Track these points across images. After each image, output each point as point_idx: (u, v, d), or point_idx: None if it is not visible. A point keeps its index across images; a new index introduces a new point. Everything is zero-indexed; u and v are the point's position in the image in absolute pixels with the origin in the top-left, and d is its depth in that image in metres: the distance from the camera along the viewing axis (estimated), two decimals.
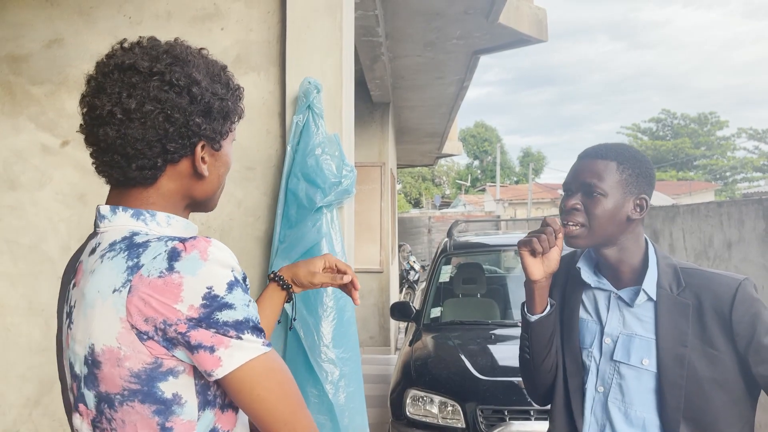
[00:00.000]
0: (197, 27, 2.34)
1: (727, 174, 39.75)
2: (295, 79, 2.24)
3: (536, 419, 3.18)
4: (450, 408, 3.42)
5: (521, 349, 1.56)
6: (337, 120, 2.26)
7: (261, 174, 2.30)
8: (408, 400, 3.56)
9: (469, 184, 46.70)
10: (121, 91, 0.94)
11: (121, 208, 0.97)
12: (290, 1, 2.27)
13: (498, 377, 3.52)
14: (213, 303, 0.86)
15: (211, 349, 0.87)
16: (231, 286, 0.88)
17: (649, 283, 1.39)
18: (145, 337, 0.87)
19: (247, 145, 2.28)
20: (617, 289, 1.44)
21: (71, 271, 1.03)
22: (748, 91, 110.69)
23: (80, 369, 0.94)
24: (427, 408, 3.49)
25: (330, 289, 2.07)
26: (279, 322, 1.38)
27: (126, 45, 1.00)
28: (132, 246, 0.91)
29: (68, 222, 2.34)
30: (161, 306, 0.86)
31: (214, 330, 0.87)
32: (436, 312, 4.81)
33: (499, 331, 4.26)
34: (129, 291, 0.87)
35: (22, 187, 2.36)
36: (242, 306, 0.89)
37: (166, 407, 0.90)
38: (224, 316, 0.87)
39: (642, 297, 1.39)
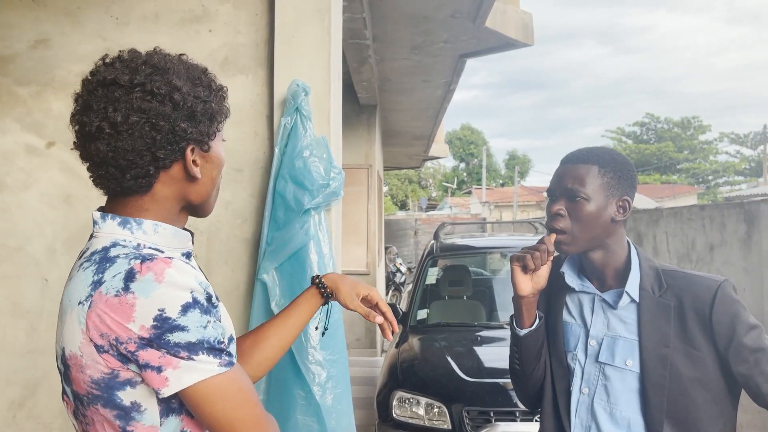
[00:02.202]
0: (185, 29, 2.34)
1: (710, 178, 40.26)
2: (283, 81, 2.24)
3: (522, 420, 3.20)
4: (436, 409, 3.43)
5: (511, 360, 1.58)
6: (325, 122, 2.27)
7: (249, 176, 2.31)
8: (394, 402, 3.57)
9: (455, 186, 46.85)
10: (106, 107, 0.96)
11: (110, 216, 1.00)
12: (278, 4, 2.28)
13: (484, 379, 3.55)
14: (164, 325, 0.88)
15: (159, 369, 0.90)
16: (186, 309, 0.90)
17: (632, 286, 1.41)
18: (101, 350, 0.91)
19: (235, 147, 2.28)
20: (601, 291, 1.46)
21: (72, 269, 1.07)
22: (731, 96, 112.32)
23: (60, 365, 1.00)
24: (414, 409, 3.50)
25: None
26: (316, 328, 1.38)
27: (108, 60, 1.03)
28: (103, 260, 0.94)
29: (54, 224, 2.33)
30: (114, 324, 0.89)
31: (165, 350, 0.89)
32: (422, 314, 4.83)
33: (485, 333, 4.28)
34: (89, 306, 0.91)
35: (7, 188, 2.34)
36: (197, 328, 0.90)
37: (125, 413, 0.94)
38: (176, 337, 0.89)
39: (625, 299, 1.42)
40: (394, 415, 3.53)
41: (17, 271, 2.33)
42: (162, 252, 0.98)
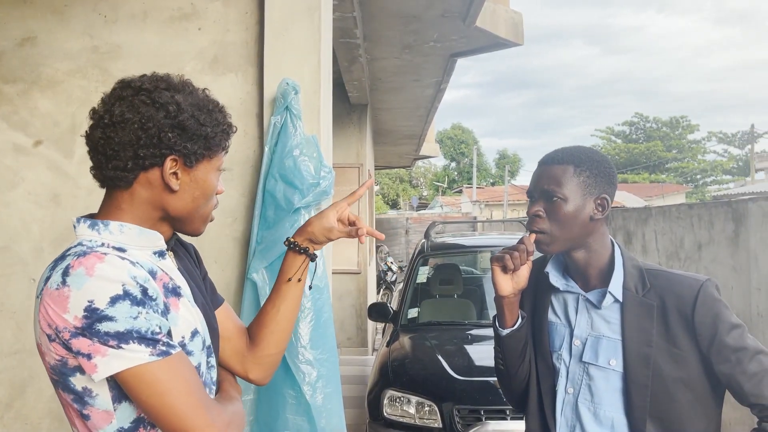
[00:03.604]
0: (174, 27, 2.33)
1: (698, 177, 40.55)
2: (273, 80, 2.24)
3: (512, 419, 3.22)
4: (427, 408, 3.44)
5: (495, 360, 1.59)
6: (315, 121, 2.26)
7: (239, 175, 2.30)
8: (385, 401, 3.57)
9: (446, 185, 46.91)
10: (114, 102, 1.08)
11: (83, 220, 1.09)
12: (268, 2, 2.27)
13: (474, 377, 3.56)
14: (93, 315, 0.96)
15: (88, 357, 0.97)
16: (114, 300, 0.97)
17: (615, 285, 1.42)
18: (50, 339, 0.99)
19: None
20: (585, 291, 1.47)
21: None
22: (719, 96, 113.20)
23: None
24: (405, 408, 3.50)
25: (307, 290, 2.07)
26: (311, 287, 1.42)
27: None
28: (60, 258, 1.03)
29: (41, 222, 2.31)
30: (54, 315, 0.98)
31: (96, 339, 0.96)
32: (413, 313, 4.83)
33: (475, 332, 4.30)
34: (40, 299, 1.01)
35: None
36: (126, 318, 0.97)
37: (80, 397, 1.02)
38: (104, 327, 0.96)
39: (609, 299, 1.42)
40: (385, 414, 3.53)
41: (4, 271, 2.31)
42: (125, 251, 1.05)
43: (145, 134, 1.06)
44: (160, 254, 1.13)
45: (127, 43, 2.34)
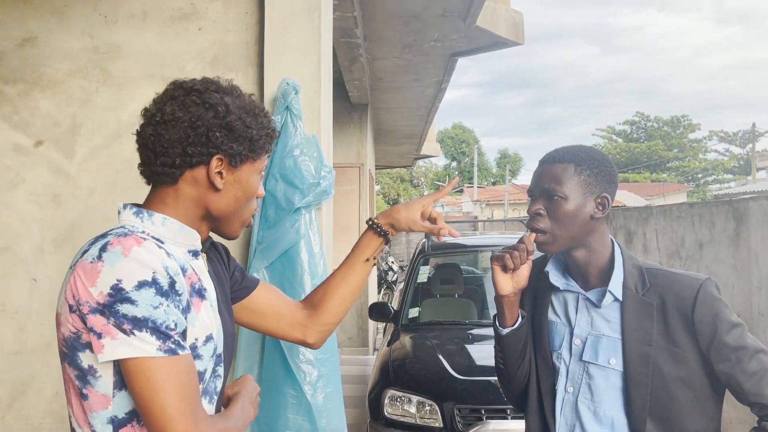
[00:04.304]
0: (174, 27, 2.33)
1: (699, 176, 40.54)
2: (273, 80, 2.24)
3: (513, 418, 3.22)
4: (428, 407, 3.44)
5: (495, 359, 1.59)
6: (316, 121, 2.26)
7: None
8: (386, 400, 3.57)
9: (446, 185, 46.88)
10: (166, 101, 1.13)
11: (129, 206, 1.13)
12: (268, 2, 2.27)
13: (475, 377, 3.56)
14: (117, 295, 0.97)
15: (99, 335, 0.98)
16: (141, 285, 0.98)
17: (615, 284, 1.42)
18: (71, 309, 1.01)
19: None
20: (585, 290, 1.46)
21: None
22: (719, 96, 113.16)
23: None
24: (405, 408, 3.51)
25: (306, 290, 2.07)
26: (367, 260, 1.51)
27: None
28: (102, 236, 1.05)
29: (41, 223, 2.31)
30: (81, 286, 0.99)
31: (113, 319, 0.97)
32: (414, 312, 4.83)
33: (476, 331, 4.30)
34: (73, 269, 1.03)
35: None
36: (147, 305, 0.97)
37: (83, 375, 1.03)
38: (124, 309, 0.97)
39: (608, 298, 1.42)
40: (386, 414, 3.53)
41: (4, 271, 2.31)
42: (163, 243, 1.07)
43: (194, 132, 1.10)
44: (194, 254, 1.16)
45: (127, 43, 2.34)
